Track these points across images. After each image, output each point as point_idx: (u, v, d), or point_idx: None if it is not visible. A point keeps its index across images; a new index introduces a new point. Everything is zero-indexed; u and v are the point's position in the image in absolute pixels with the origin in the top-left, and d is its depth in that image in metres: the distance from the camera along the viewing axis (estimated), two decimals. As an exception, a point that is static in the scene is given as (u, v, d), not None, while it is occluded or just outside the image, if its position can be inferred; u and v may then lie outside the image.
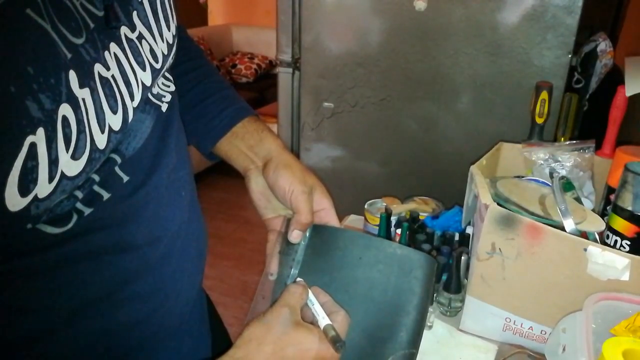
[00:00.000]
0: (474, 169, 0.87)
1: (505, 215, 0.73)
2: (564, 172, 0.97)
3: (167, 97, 0.56)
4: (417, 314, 0.56)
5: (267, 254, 0.66)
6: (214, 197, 3.29)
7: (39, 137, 0.36)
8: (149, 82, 0.49)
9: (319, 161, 1.62)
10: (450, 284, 0.85)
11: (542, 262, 0.72)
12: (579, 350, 0.59)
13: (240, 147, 0.68)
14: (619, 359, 0.54)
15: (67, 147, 0.38)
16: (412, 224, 0.97)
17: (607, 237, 0.78)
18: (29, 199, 0.36)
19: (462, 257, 0.84)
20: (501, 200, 0.79)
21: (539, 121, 1.09)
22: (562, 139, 1.38)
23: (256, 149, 0.67)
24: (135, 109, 0.46)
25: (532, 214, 0.76)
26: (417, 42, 1.38)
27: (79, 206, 0.43)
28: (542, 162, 0.99)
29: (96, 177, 0.44)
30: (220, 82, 0.73)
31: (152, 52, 0.50)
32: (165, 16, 0.53)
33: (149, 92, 0.52)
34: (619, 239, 0.75)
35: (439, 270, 0.86)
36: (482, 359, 0.78)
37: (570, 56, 1.25)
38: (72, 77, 0.38)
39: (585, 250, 0.68)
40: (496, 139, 1.07)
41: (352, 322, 0.54)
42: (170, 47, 0.54)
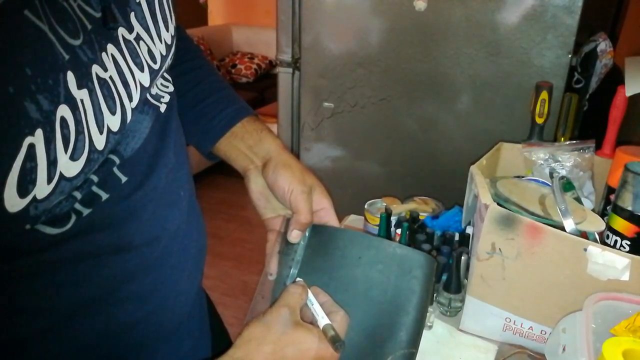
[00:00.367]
0: (474, 169, 0.87)
1: (505, 215, 0.73)
2: (564, 172, 0.97)
3: (166, 98, 0.56)
4: (417, 314, 0.56)
5: (266, 253, 0.66)
6: (214, 197, 3.29)
7: (38, 138, 0.36)
8: (147, 83, 0.49)
9: (319, 161, 1.62)
10: (450, 284, 0.85)
11: (542, 262, 0.72)
12: (579, 350, 0.59)
13: (239, 147, 0.68)
14: (619, 359, 0.54)
15: (66, 148, 0.38)
16: (412, 224, 0.97)
17: (607, 237, 0.78)
18: (27, 200, 0.36)
19: (462, 257, 0.84)
20: (501, 200, 0.79)
21: (539, 121, 1.09)
22: (562, 139, 1.38)
23: (255, 149, 0.67)
24: (133, 110, 0.46)
25: (532, 214, 0.76)
26: (417, 42, 1.38)
27: (77, 207, 0.43)
28: (542, 162, 0.99)
29: (95, 178, 0.44)
30: (219, 82, 0.73)
31: (150, 53, 0.50)
32: (163, 17, 0.52)
33: (148, 93, 0.52)
34: (619, 239, 0.75)
35: (439, 270, 0.86)
36: (482, 359, 0.78)
37: (570, 56, 1.25)
38: (70, 78, 0.38)
39: (585, 250, 0.68)
40: (496, 139, 1.07)
41: (351, 322, 0.54)
42: (168, 48, 0.54)
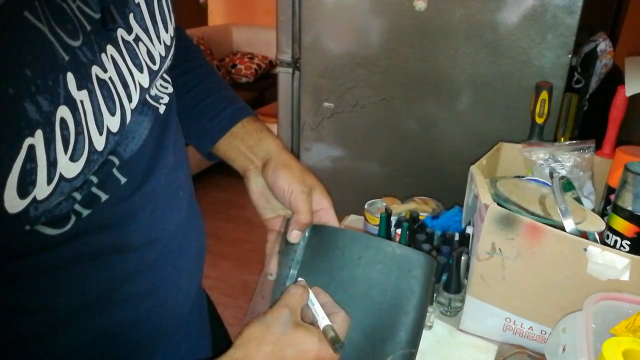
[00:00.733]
0: (474, 169, 0.87)
1: (505, 215, 0.73)
2: (564, 172, 0.97)
3: (165, 99, 0.56)
4: (417, 314, 0.56)
5: (266, 253, 0.66)
6: (214, 197, 3.29)
7: (38, 139, 0.36)
8: (146, 84, 0.49)
9: (319, 161, 1.62)
10: (450, 284, 0.85)
11: (542, 262, 0.72)
12: (579, 350, 0.59)
13: (239, 147, 0.68)
14: (619, 359, 0.54)
15: (66, 149, 0.38)
16: (412, 224, 0.97)
17: (607, 237, 0.78)
18: (27, 200, 0.36)
19: (462, 257, 0.84)
20: (501, 200, 0.79)
21: (539, 121, 1.09)
22: (562, 139, 1.38)
23: (255, 149, 0.67)
24: (133, 111, 0.46)
25: (532, 214, 0.76)
26: (417, 42, 1.38)
27: (77, 208, 0.43)
28: (542, 162, 0.99)
29: (94, 179, 0.44)
30: (219, 82, 0.73)
31: (149, 53, 0.50)
32: (162, 18, 0.52)
33: (147, 94, 0.52)
34: (619, 239, 0.75)
35: (439, 270, 0.86)
36: (482, 359, 0.78)
37: (570, 56, 1.25)
38: (70, 79, 0.38)
39: (585, 250, 0.68)
40: (496, 139, 1.07)
41: (351, 322, 0.54)
42: (167, 49, 0.54)
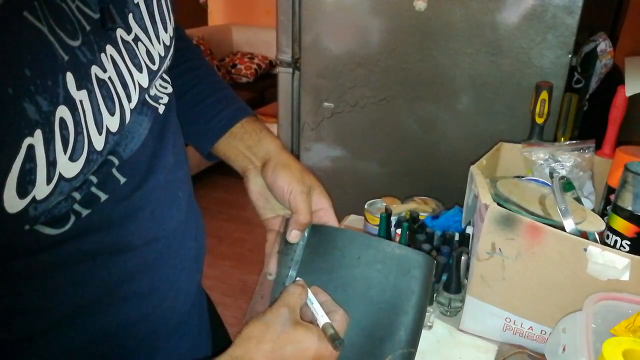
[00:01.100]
0: (474, 169, 0.87)
1: (505, 215, 0.73)
2: (564, 172, 0.97)
3: (165, 99, 0.56)
4: (416, 313, 0.56)
5: (265, 253, 0.66)
6: (214, 197, 3.29)
7: (37, 138, 0.36)
8: (145, 84, 0.49)
9: (319, 161, 1.62)
10: (450, 284, 0.85)
11: (542, 262, 0.72)
12: (579, 350, 0.59)
13: (238, 147, 0.68)
14: (619, 359, 0.54)
15: (65, 149, 0.38)
16: (412, 224, 0.97)
17: (607, 237, 0.78)
18: (27, 200, 0.36)
19: (462, 257, 0.84)
20: (501, 200, 0.79)
21: (539, 121, 1.09)
22: (562, 139, 1.38)
23: (255, 149, 0.67)
24: (132, 111, 0.46)
25: (532, 214, 0.76)
26: (417, 42, 1.38)
27: (76, 208, 0.43)
28: (542, 162, 0.99)
29: (94, 179, 0.44)
30: (218, 82, 0.73)
31: (148, 53, 0.50)
32: (162, 18, 0.52)
33: (147, 94, 0.52)
34: (619, 239, 0.75)
35: (439, 270, 0.86)
36: (482, 359, 0.78)
37: (570, 56, 1.25)
38: (70, 79, 0.38)
39: (585, 250, 0.68)
40: (496, 139, 1.07)
41: (350, 321, 0.54)
42: (167, 49, 0.54)
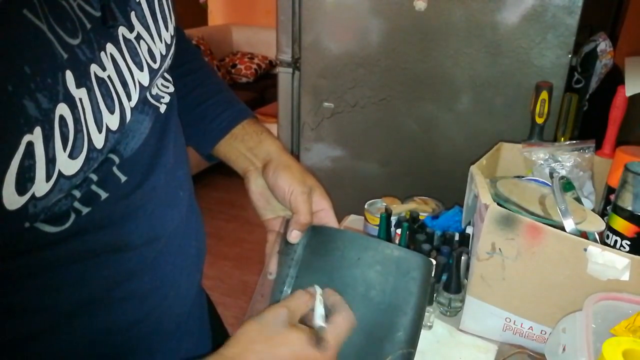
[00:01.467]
0: (474, 169, 0.87)
1: (505, 215, 0.73)
2: (564, 172, 0.97)
3: (166, 98, 0.56)
4: (415, 314, 0.56)
5: (266, 253, 0.66)
6: (214, 197, 3.29)
7: (36, 135, 0.36)
8: (146, 82, 0.49)
9: (319, 161, 1.62)
10: (450, 284, 0.85)
11: (542, 262, 0.72)
12: (579, 350, 0.59)
13: (239, 148, 0.68)
14: (619, 359, 0.54)
15: (65, 146, 0.38)
16: (412, 224, 0.97)
17: (607, 237, 0.78)
18: (26, 197, 0.36)
19: (462, 257, 0.84)
20: (501, 200, 0.79)
21: (539, 121, 1.09)
22: (562, 139, 1.38)
23: (256, 150, 0.67)
24: (133, 109, 0.46)
25: (532, 214, 0.76)
26: (417, 42, 1.38)
27: (76, 205, 0.43)
28: (542, 162, 0.99)
29: (94, 177, 0.44)
30: (218, 84, 0.74)
31: (150, 52, 0.50)
32: (163, 17, 0.53)
33: (148, 93, 0.52)
34: (619, 239, 0.75)
35: (439, 270, 0.86)
36: (482, 359, 0.78)
37: (570, 56, 1.25)
38: (69, 77, 0.38)
39: (585, 250, 0.68)
40: (496, 139, 1.07)
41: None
42: (168, 48, 0.54)
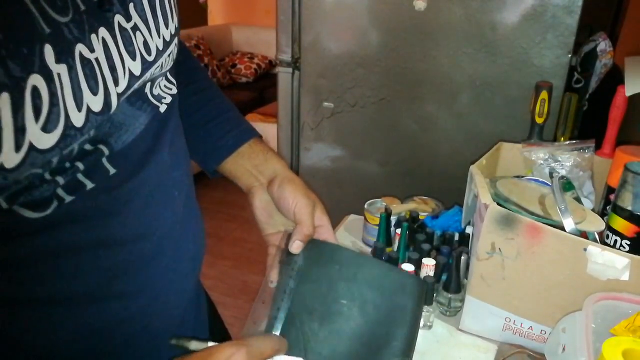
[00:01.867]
0: (474, 169, 0.87)
1: (505, 215, 0.73)
2: (564, 172, 0.97)
3: (168, 99, 0.56)
4: (410, 329, 0.59)
5: (267, 265, 0.69)
6: (214, 197, 3.29)
7: (4, 102, 0.35)
8: (138, 72, 0.49)
9: (319, 161, 1.62)
10: (450, 284, 0.85)
11: (542, 262, 0.72)
12: (579, 350, 0.59)
13: (246, 166, 0.71)
14: (619, 359, 0.54)
15: (37, 118, 0.38)
16: (412, 224, 0.97)
17: (607, 237, 0.78)
18: None
19: (462, 257, 0.84)
20: (501, 200, 0.79)
21: (539, 121, 1.09)
22: (562, 139, 1.38)
23: (262, 167, 0.70)
24: (120, 95, 0.46)
25: (532, 214, 0.76)
26: (417, 42, 1.38)
27: (60, 192, 0.43)
28: (542, 162, 0.99)
29: (81, 166, 0.44)
30: (226, 103, 0.76)
31: (145, 44, 0.50)
32: (164, 14, 0.53)
33: (149, 93, 0.53)
34: (619, 239, 0.75)
35: (439, 270, 0.86)
36: (482, 359, 0.78)
37: (570, 56, 1.25)
38: (48, 51, 0.38)
39: (585, 250, 0.68)
40: (496, 139, 1.07)
41: (348, 331, 0.57)
42: (166, 44, 0.54)
